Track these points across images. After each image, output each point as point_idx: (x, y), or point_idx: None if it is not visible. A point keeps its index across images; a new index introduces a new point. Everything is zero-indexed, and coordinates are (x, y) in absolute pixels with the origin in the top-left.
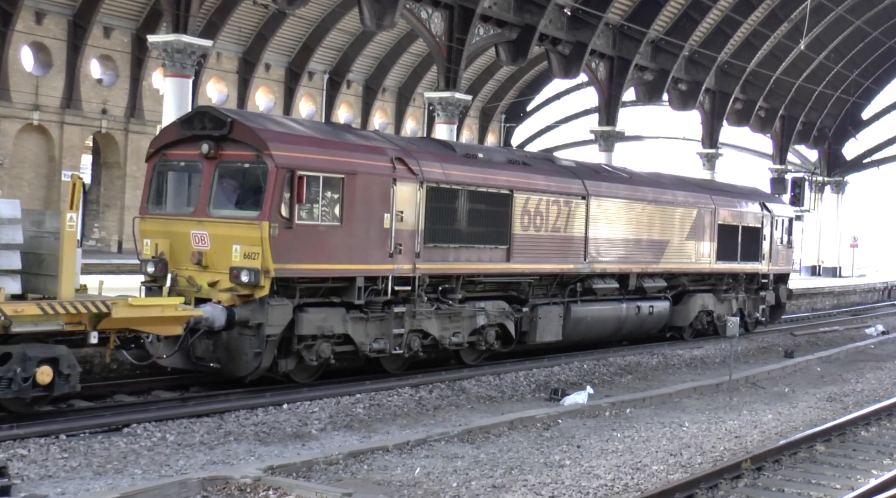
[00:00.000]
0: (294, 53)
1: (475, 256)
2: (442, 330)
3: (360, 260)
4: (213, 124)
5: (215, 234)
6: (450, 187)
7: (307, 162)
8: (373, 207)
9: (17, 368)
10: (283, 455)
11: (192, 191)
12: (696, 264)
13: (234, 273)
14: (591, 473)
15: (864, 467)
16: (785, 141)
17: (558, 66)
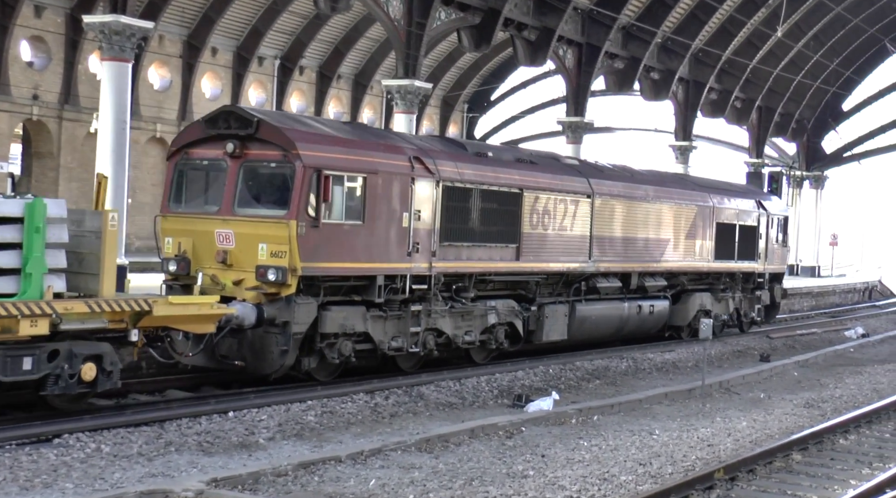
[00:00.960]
0: (243, 37)
1: (486, 255)
2: (455, 328)
3: (381, 258)
4: (238, 124)
5: (241, 232)
6: (464, 186)
7: (332, 161)
8: (393, 206)
9: (64, 365)
10: (227, 466)
11: (216, 190)
12: (694, 263)
13: (260, 271)
14: (555, 483)
15: (842, 477)
16: (762, 133)
17: (524, 52)
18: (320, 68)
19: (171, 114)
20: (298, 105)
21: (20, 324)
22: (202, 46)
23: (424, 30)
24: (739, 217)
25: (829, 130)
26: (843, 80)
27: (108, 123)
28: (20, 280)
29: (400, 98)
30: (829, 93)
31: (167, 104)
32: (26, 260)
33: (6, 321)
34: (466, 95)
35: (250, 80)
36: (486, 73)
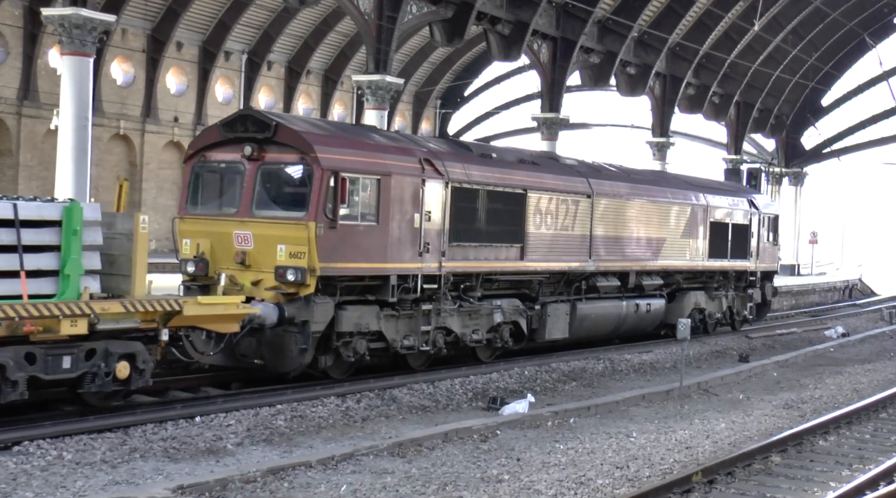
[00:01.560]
0: (209, 31)
1: (492, 255)
2: (463, 327)
3: (395, 259)
4: (256, 127)
5: (259, 234)
6: (471, 187)
7: (348, 164)
8: (405, 207)
9: (100, 363)
10: (194, 473)
11: (234, 192)
12: (690, 262)
13: (279, 272)
14: (531, 488)
15: (822, 480)
16: (740, 129)
17: (498, 47)
18: (289, 63)
19: (135, 110)
20: (267, 101)
21: (61, 324)
22: (167, 41)
23: (395, 24)
24: (732, 216)
25: (809, 126)
26: (822, 75)
27: (68, 120)
28: (58, 281)
29: (371, 94)
30: (808, 88)
31: (131, 100)
32: (64, 262)
33: (48, 321)
34: (439, 91)
35: (217, 76)
36: (459, 68)
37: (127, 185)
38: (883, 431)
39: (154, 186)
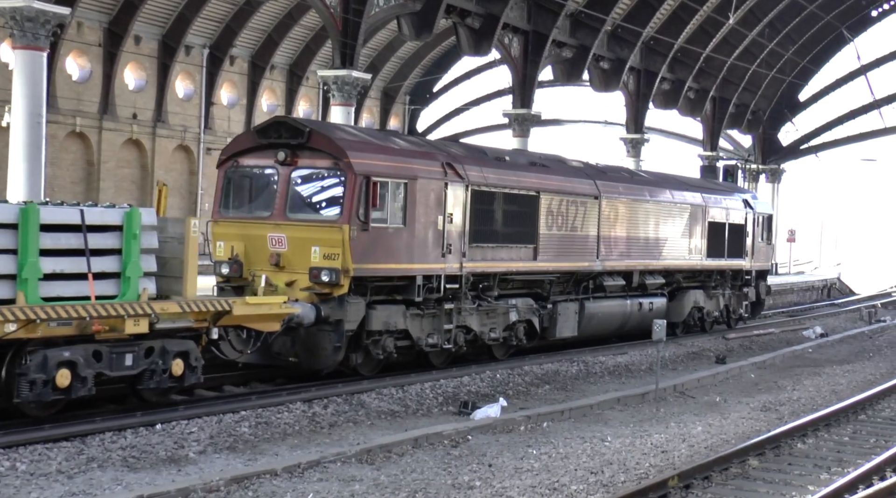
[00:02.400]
0: (168, 25)
1: (508, 256)
2: (481, 326)
3: (420, 259)
4: (290, 133)
5: (293, 236)
6: (489, 190)
7: (379, 168)
8: (429, 210)
9: (158, 361)
10: (155, 483)
11: (268, 196)
12: (689, 261)
13: (314, 273)
14: (503, 494)
15: (800, 483)
16: (716, 125)
17: (468, 41)
18: (252, 58)
19: (92, 107)
20: (229, 97)
21: (126, 323)
22: (124, 34)
23: (362, 17)
24: (728, 216)
25: (786, 122)
26: (799, 69)
27: (21, 117)
28: (120, 283)
29: (337, 89)
30: (785, 83)
31: (87, 96)
32: (125, 264)
33: (113, 321)
34: (408, 87)
35: (177, 71)
36: (428, 63)
37: (166, 190)
38: (862, 434)
39: (112, 186)
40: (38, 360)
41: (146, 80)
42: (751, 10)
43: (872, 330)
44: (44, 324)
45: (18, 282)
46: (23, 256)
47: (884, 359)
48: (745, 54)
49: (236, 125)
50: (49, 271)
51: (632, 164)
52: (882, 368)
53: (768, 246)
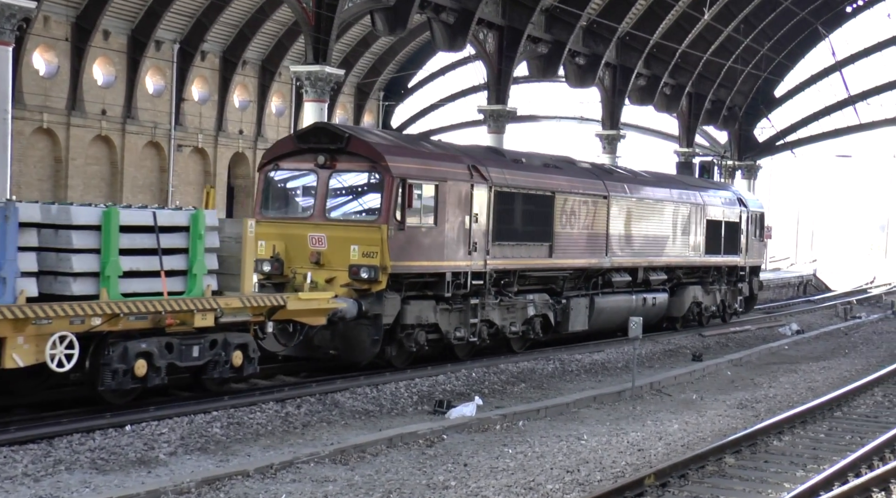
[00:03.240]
0: (138, 19)
1: (527, 253)
2: (503, 320)
3: (450, 257)
4: (329, 138)
5: (333, 235)
6: (509, 191)
7: (413, 171)
8: (457, 210)
9: (221, 352)
10: (124, 485)
11: (308, 197)
12: (689, 258)
13: (353, 270)
14: (478, 494)
15: (776, 481)
16: (692, 121)
17: (442, 37)
18: (224, 53)
19: (60, 103)
20: (201, 93)
21: (195, 317)
22: (93, 29)
23: (335, 12)
24: (724, 214)
25: (761, 118)
26: (774, 65)
27: None
28: (187, 280)
29: (310, 85)
30: (761, 79)
31: (54, 92)
32: (192, 263)
33: (184, 315)
34: (382, 82)
35: (147, 66)
36: (402, 58)
37: (214, 192)
38: (838, 431)
39: (81, 183)
40: (119, 351)
41: (115, 76)
42: (726, 6)
43: (848, 327)
44: (124, 318)
45: (101, 279)
46: (105, 255)
47: (859, 355)
48: (720, 50)
49: (208, 121)
50: (127, 269)
51: (607, 160)
52: (857, 364)
53: (760, 243)
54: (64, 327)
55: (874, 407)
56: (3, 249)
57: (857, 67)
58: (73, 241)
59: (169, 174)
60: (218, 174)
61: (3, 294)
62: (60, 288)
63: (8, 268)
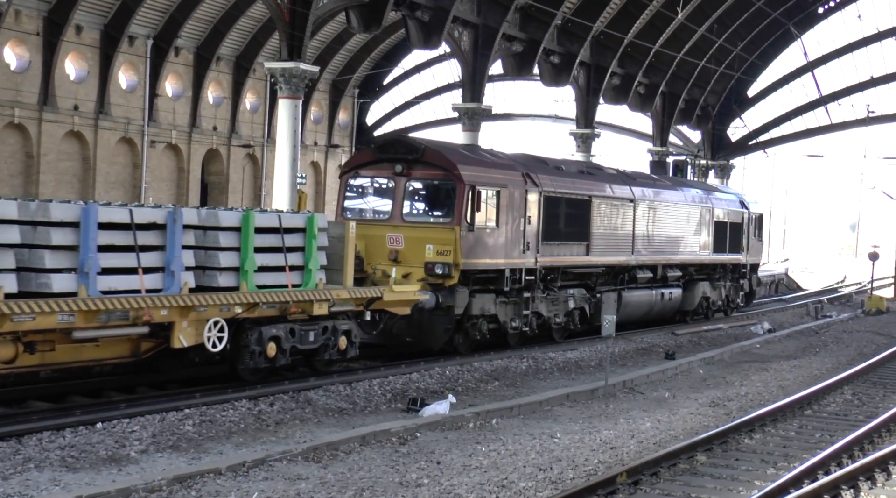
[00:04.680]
0: (111, 14)
1: (568, 251)
2: (548, 311)
3: (508, 255)
4: (406, 150)
5: (409, 236)
6: (556, 195)
7: (480, 179)
8: (514, 213)
9: (331, 338)
10: (94, 483)
11: (385, 201)
12: (700, 256)
13: (428, 267)
14: (451, 492)
15: (747, 478)
16: (666, 120)
17: (417, 34)
18: (198, 49)
19: (31, 98)
20: (174, 89)
21: (314, 306)
22: (65, 23)
23: (310, 9)
24: (729, 216)
25: (734, 118)
26: (747, 65)
27: None
28: (303, 274)
29: (284, 82)
30: (734, 79)
31: (26, 87)
32: (307, 259)
33: (305, 304)
34: (357, 80)
35: (120, 62)
36: (377, 56)
37: (306, 196)
38: (808, 428)
39: (53, 179)
40: (255, 335)
41: (88, 71)
42: (699, 6)
43: (819, 325)
44: (259, 307)
45: (241, 273)
46: (244, 252)
47: (829, 354)
48: (694, 50)
49: (181, 117)
50: (260, 265)
51: (581, 158)
52: (828, 362)
53: (759, 242)
54: (216, 314)
55: (844, 405)
56: (173, 247)
57: (829, 68)
58: (220, 240)
59: (142, 170)
60: (191, 171)
61: (172, 286)
62: (209, 280)
63: (176, 263)
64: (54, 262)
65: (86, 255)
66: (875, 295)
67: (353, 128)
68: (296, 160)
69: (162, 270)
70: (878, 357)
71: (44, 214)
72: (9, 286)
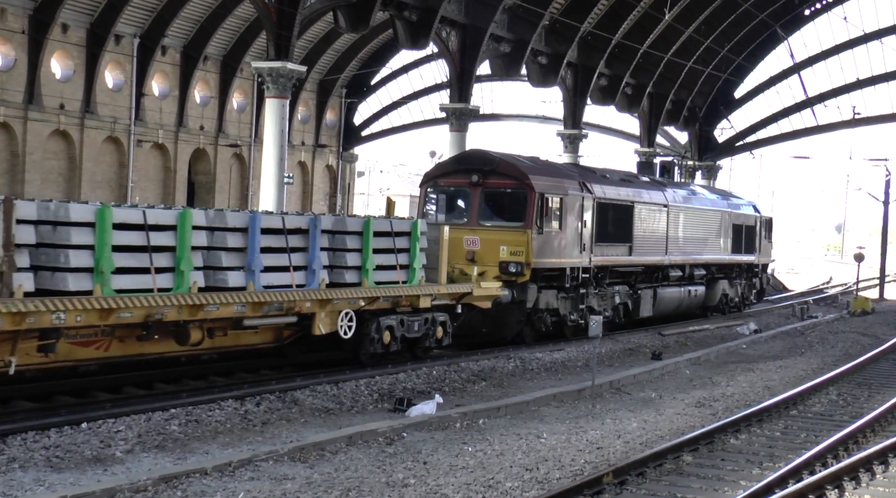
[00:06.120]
0: (97, 13)
1: (615, 252)
2: (599, 306)
3: (569, 256)
4: (482, 162)
5: (485, 238)
6: (605, 201)
7: (547, 187)
8: (574, 218)
9: (431, 328)
10: (79, 483)
11: (463, 207)
12: (720, 257)
13: (503, 265)
14: (438, 492)
15: (733, 478)
16: (653, 121)
17: (405, 34)
18: (185, 48)
19: (16, 96)
20: (161, 88)
21: (420, 300)
22: (51, 22)
23: (297, 9)
24: (745, 219)
25: (721, 119)
26: (734, 66)
27: None
28: (408, 272)
29: (272, 82)
30: (721, 80)
31: (11, 86)
32: (412, 259)
33: (413, 298)
34: (344, 80)
35: (106, 61)
36: (365, 55)
37: (395, 203)
38: (793, 429)
39: (38, 178)
40: (375, 325)
41: (74, 70)
42: (687, 8)
43: (804, 326)
44: (378, 300)
45: (363, 271)
46: (365, 253)
47: (815, 354)
48: (681, 51)
49: (168, 117)
50: (377, 264)
51: (569, 159)
52: (813, 363)
53: (769, 244)
54: (346, 306)
55: (829, 406)
56: (314, 249)
57: (815, 70)
58: (346, 242)
59: (128, 170)
60: (178, 170)
61: (313, 282)
62: (337, 277)
63: (316, 263)
64: (229, 261)
65: (252, 255)
66: (860, 296)
67: (340, 128)
68: (283, 160)
69: (305, 269)
70: (863, 358)
71: (221, 221)
72: (200, 282)
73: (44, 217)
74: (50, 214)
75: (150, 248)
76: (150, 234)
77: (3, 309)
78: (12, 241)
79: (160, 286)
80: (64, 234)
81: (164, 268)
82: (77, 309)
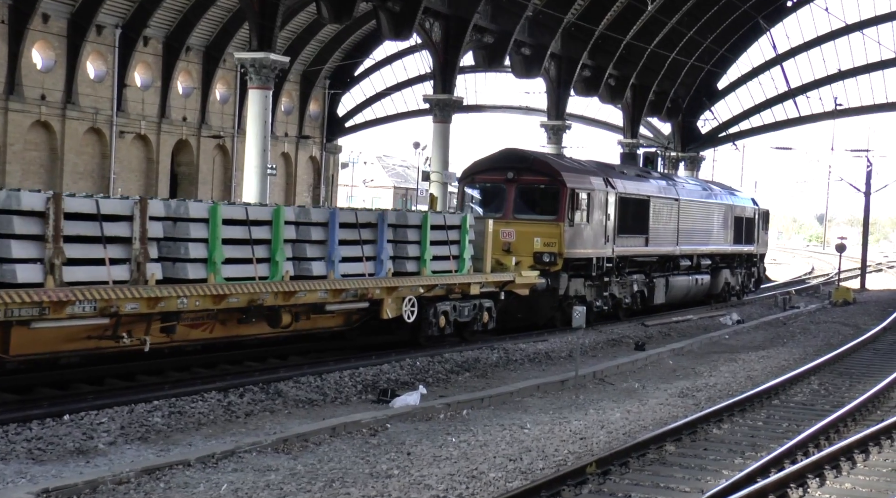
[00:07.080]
0: (78, 3)
1: (633, 243)
2: (619, 293)
3: (594, 246)
4: (516, 159)
5: (520, 230)
6: (626, 196)
7: (578, 183)
8: (599, 212)
9: (478, 313)
10: (62, 475)
11: (499, 202)
12: (724, 247)
13: (537, 256)
14: (421, 483)
15: (715, 468)
16: (636, 113)
17: (388, 25)
18: (167, 39)
19: None
20: (143, 79)
21: (471, 287)
22: (31, 12)
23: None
24: (744, 212)
25: (704, 110)
26: (717, 58)
27: None
28: (457, 262)
29: (255, 72)
30: (704, 71)
31: None
32: (462, 250)
33: (465, 286)
34: (328, 71)
35: (88, 51)
36: (348, 46)
37: (437, 199)
38: (775, 418)
39: (19, 169)
40: (433, 310)
41: (55, 60)
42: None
43: (787, 316)
44: (436, 288)
45: (420, 261)
46: (423, 244)
47: (797, 345)
48: (665, 42)
49: (150, 108)
50: (434, 255)
51: (553, 151)
52: (795, 353)
53: (765, 235)
54: (408, 293)
55: (810, 395)
56: (382, 241)
57: (798, 61)
58: (408, 235)
59: (111, 161)
60: (161, 162)
61: (381, 271)
62: (399, 267)
63: (384, 254)
64: (313, 253)
65: (332, 247)
66: (842, 286)
67: (324, 119)
68: (266, 151)
69: (374, 259)
70: (844, 348)
71: (306, 217)
72: (291, 271)
73: (168, 214)
74: (172, 211)
75: (251, 241)
76: (252, 228)
77: (142, 294)
78: (147, 235)
79: (260, 275)
80: (184, 229)
81: (262, 259)
82: (196, 295)
